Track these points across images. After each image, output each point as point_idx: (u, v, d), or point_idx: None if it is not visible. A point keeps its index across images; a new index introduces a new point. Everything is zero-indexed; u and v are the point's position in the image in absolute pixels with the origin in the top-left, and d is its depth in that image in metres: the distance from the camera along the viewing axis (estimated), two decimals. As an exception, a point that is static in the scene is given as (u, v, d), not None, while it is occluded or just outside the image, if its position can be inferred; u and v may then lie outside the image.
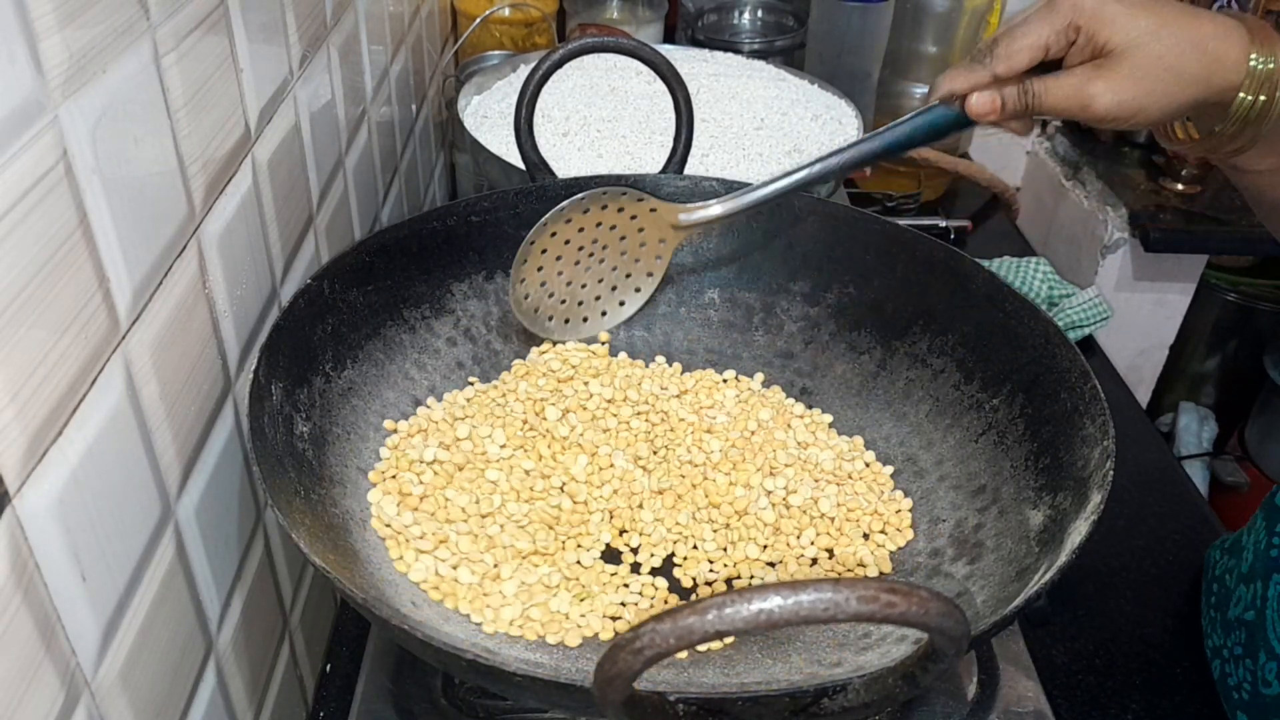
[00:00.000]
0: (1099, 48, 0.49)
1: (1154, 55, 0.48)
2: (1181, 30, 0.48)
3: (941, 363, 0.61)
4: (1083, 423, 0.50)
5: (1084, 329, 1.03)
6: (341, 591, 0.40)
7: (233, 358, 0.50)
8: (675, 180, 0.68)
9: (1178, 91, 0.49)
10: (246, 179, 0.50)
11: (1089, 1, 0.48)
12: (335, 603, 0.68)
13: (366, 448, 0.57)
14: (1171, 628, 0.69)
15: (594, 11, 1.24)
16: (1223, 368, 1.48)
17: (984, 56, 0.52)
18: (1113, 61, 0.49)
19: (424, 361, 0.63)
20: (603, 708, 0.31)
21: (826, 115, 0.93)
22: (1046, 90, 0.50)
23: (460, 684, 0.52)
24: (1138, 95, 0.48)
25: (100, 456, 0.36)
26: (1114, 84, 0.49)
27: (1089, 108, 0.49)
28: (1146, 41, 0.48)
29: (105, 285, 0.36)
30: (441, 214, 0.63)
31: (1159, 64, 0.48)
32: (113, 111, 0.36)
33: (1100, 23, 0.48)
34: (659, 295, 0.69)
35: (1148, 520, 0.79)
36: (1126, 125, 0.50)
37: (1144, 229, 1.12)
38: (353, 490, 0.54)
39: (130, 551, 0.38)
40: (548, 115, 0.88)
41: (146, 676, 0.40)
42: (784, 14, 1.27)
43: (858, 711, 0.36)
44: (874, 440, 0.63)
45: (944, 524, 0.56)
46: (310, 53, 0.61)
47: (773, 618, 0.27)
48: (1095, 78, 0.49)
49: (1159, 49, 0.48)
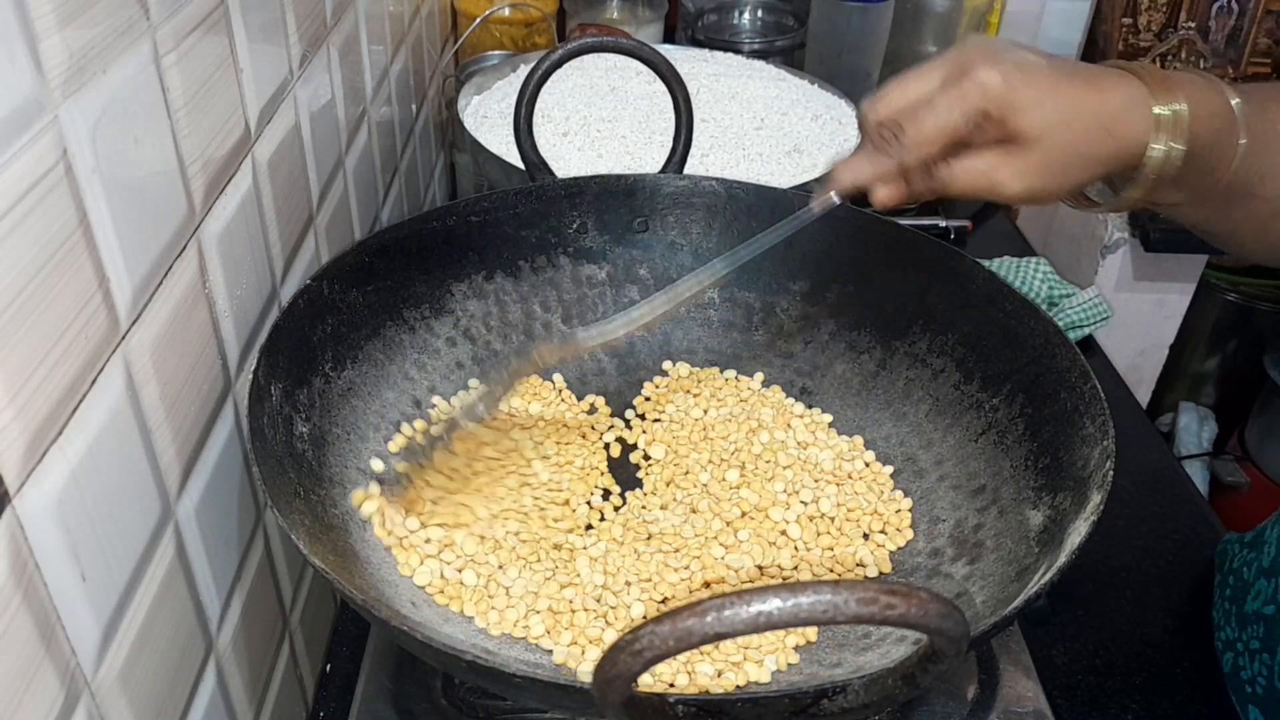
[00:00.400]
0: (1008, 133, 0.47)
1: (1064, 143, 0.46)
2: (1089, 113, 0.47)
3: (941, 363, 0.61)
4: (1083, 423, 0.50)
5: (1084, 329, 1.03)
6: (341, 592, 0.40)
7: (233, 358, 0.50)
8: (675, 180, 0.68)
9: (1084, 173, 0.48)
10: (246, 179, 0.50)
11: (996, 86, 0.46)
12: (335, 603, 0.68)
13: (366, 448, 0.57)
14: (1172, 627, 0.69)
15: (594, 11, 1.24)
16: (1223, 368, 1.48)
17: (887, 144, 0.49)
18: (1022, 149, 0.47)
19: (424, 361, 0.63)
20: (602, 708, 0.31)
21: (826, 115, 0.93)
22: (953, 175, 0.48)
23: (460, 684, 0.52)
24: (1047, 181, 0.47)
25: (100, 456, 0.36)
26: (1024, 170, 0.47)
27: (997, 191, 0.48)
28: (1057, 130, 0.46)
29: (105, 285, 0.36)
30: (441, 214, 0.63)
31: (1069, 150, 0.47)
32: (113, 111, 0.36)
33: (1010, 110, 0.46)
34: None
35: (1148, 520, 0.79)
36: (1031, 203, 0.49)
37: (1144, 229, 1.12)
38: (353, 490, 0.54)
39: (130, 551, 0.38)
40: (548, 115, 0.88)
41: (146, 676, 0.40)
42: (784, 14, 1.27)
43: (857, 712, 0.36)
44: (874, 440, 0.63)
45: (944, 524, 0.56)
46: (310, 53, 0.61)
47: (772, 620, 0.27)
48: (1004, 163, 0.47)
49: (1068, 137, 0.46)
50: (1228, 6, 1.26)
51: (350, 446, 0.56)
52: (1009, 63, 0.47)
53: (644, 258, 0.69)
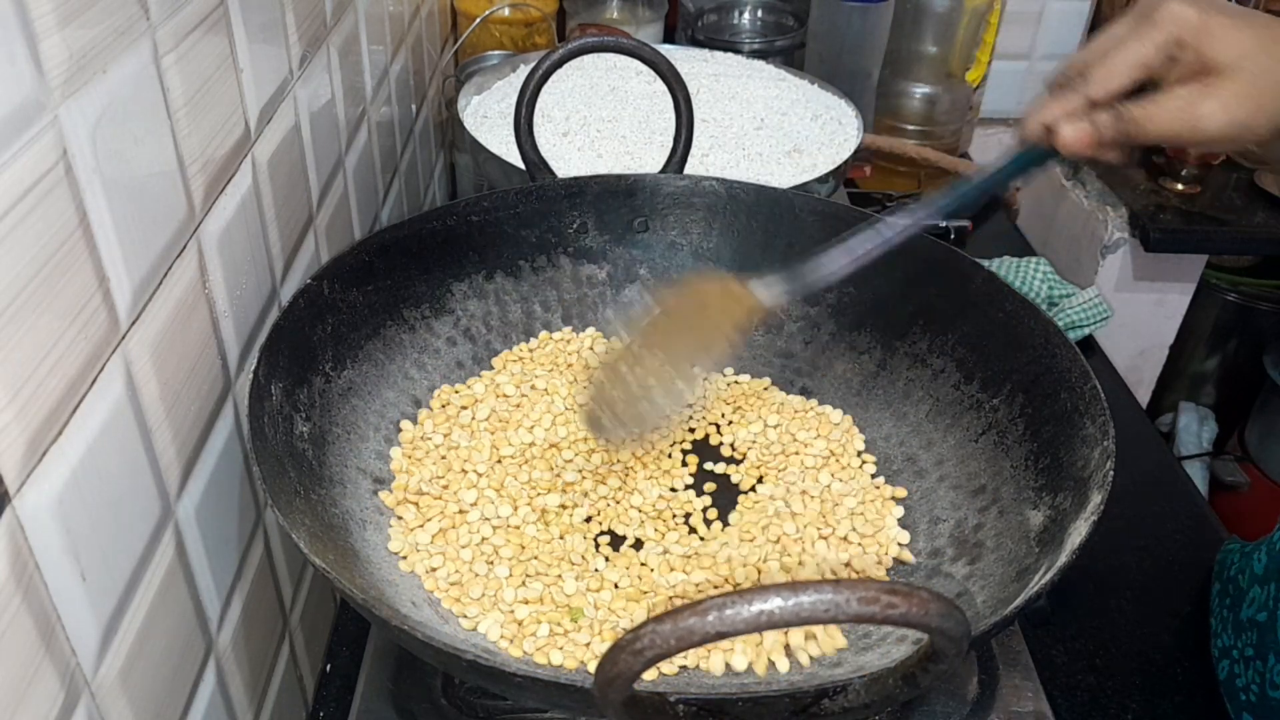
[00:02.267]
0: (1206, 64, 0.45)
1: (1265, 70, 0.45)
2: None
3: (941, 363, 0.61)
4: (1083, 423, 0.50)
5: (1084, 329, 1.03)
6: (341, 591, 0.40)
7: (233, 358, 0.50)
8: (675, 180, 0.68)
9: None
10: (246, 179, 0.50)
11: (1191, 15, 0.45)
12: (335, 603, 0.68)
13: (366, 447, 0.57)
14: (1172, 628, 0.69)
15: (594, 11, 1.24)
16: (1223, 368, 1.48)
17: (1073, 81, 0.47)
18: (1222, 78, 0.45)
19: (424, 361, 0.63)
20: (603, 708, 0.31)
21: (826, 115, 0.93)
22: (1148, 114, 0.46)
23: (460, 684, 0.52)
24: (1251, 112, 0.45)
25: (100, 456, 0.36)
26: (1224, 102, 0.45)
27: (1198, 129, 0.46)
28: (1256, 56, 0.45)
29: (105, 285, 0.36)
30: (441, 214, 0.63)
31: (1269, 80, 0.45)
32: (113, 111, 0.36)
33: (1207, 38, 0.45)
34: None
35: (1148, 520, 0.79)
36: (1231, 146, 0.48)
37: (1144, 229, 1.12)
38: (353, 490, 0.54)
39: (130, 551, 0.38)
40: (548, 115, 0.88)
41: (146, 676, 0.40)
42: (784, 14, 1.27)
43: (858, 712, 0.36)
44: (874, 440, 0.63)
45: (944, 524, 0.56)
46: (310, 53, 0.61)
47: (773, 619, 0.27)
48: (1204, 97, 0.45)
49: (1269, 63, 0.45)
50: (1228, 6, 1.25)
51: (350, 446, 0.56)
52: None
53: (644, 258, 0.69)
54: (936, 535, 0.56)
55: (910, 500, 0.59)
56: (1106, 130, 0.47)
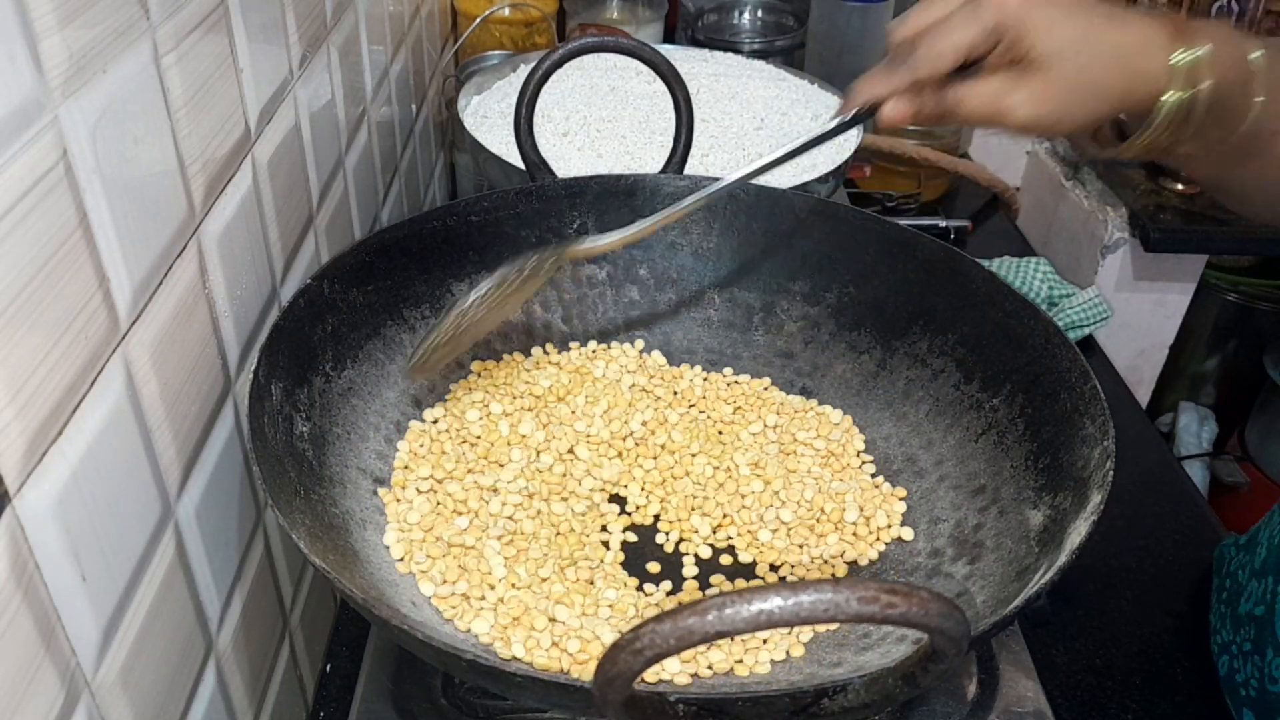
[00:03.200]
0: (1021, 54, 0.46)
1: (1076, 68, 0.46)
2: (1105, 42, 0.46)
3: (941, 363, 0.61)
4: (1083, 423, 0.50)
5: (1084, 329, 1.03)
6: (341, 591, 0.40)
7: (233, 358, 0.50)
8: (675, 180, 0.68)
9: (1096, 105, 0.47)
10: (246, 179, 0.50)
11: (1015, 5, 0.46)
12: (335, 603, 0.68)
13: (366, 448, 0.57)
14: (1171, 627, 0.69)
15: (594, 11, 1.24)
16: (1223, 368, 1.48)
17: (902, 58, 0.49)
18: (1034, 71, 0.46)
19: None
20: (603, 708, 0.31)
21: (826, 115, 0.92)
22: (962, 98, 0.48)
23: (460, 684, 0.52)
24: (1056, 108, 0.46)
25: (100, 456, 0.36)
26: (1034, 95, 0.46)
27: (1006, 117, 0.47)
28: (1070, 54, 0.46)
29: (105, 285, 0.36)
30: (441, 214, 0.63)
31: (1080, 77, 0.46)
32: (113, 111, 0.36)
33: (1026, 29, 0.46)
34: (659, 295, 0.69)
35: (1148, 520, 0.79)
36: (1040, 135, 0.49)
37: (1144, 229, 1.12)
38: (353, 490, 0.54)
39: (130, 551, 0.38)
40: (548, 115, 0.88)
41: (146, 676, 0.40)
42: (784, 14, 1.27)
43: (858, 712, 0.36)
44: (874, 440, 0.63)
45: (944, 524, 0.56)
46: (310, 53, 0.61)
47: (773, 618, 0.27)
48: (1015, 87, 0.47)
49: (1082, 62, 0.46)
50: (1228, 6, 1.25)
51: (350, 446, 0.56)
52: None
53: (644, 258, 0.69)
54: (936, 535, 0.56)
55: (910, 500, 0.59)
56: (927, 108, 0.49)
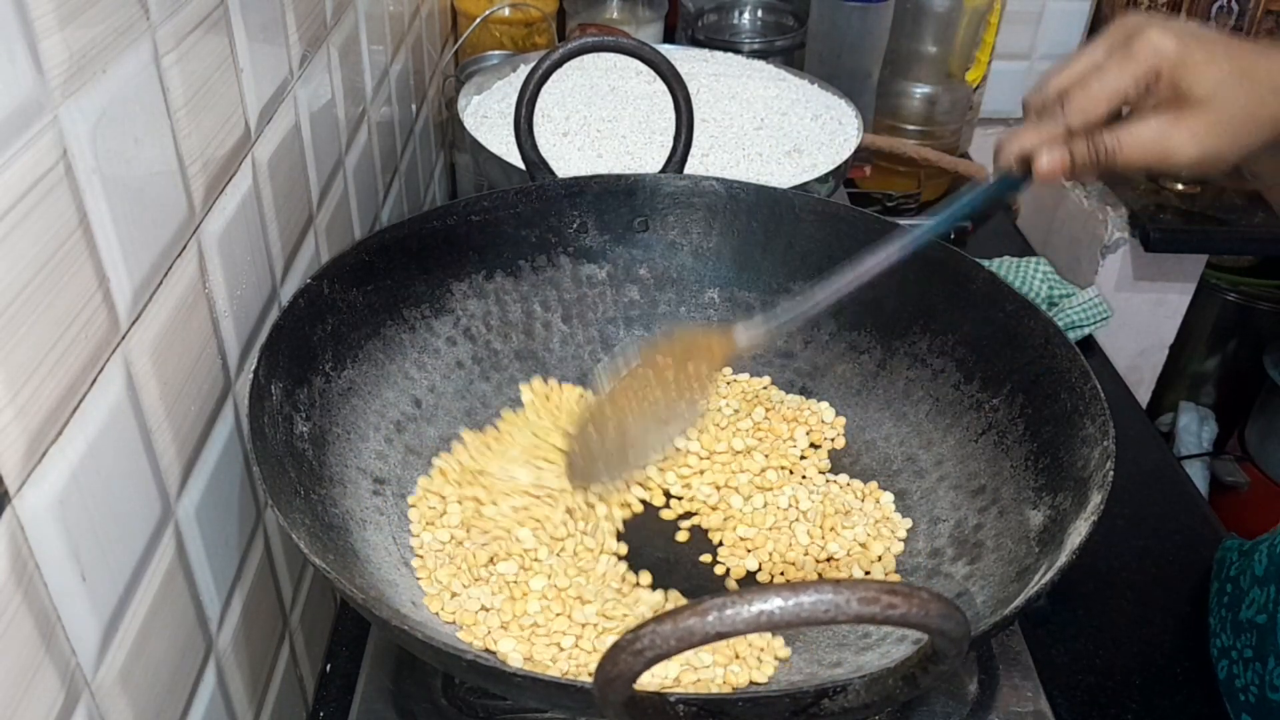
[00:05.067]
0: (1180, 95, 0.46)
1: (1238, 104, 0.45)
2: (1260, 73, 0.46)
3: (941, 363, 0.61)
4: (1083, 423, 0.50)
5: (1084, 329, 1.03)
6: (341, 592, 0.40)
7: (233, 358, 0.50)
8: (675, 180, 0.68)
9: (1259, 136, 0.46)
10: (246, 179, 0.50)
11: (1170, 46, 0.45)
12: (335, 603, 0.68)
13: (367, 447, 0.57)
14: (1172, 628, 0.69)
15: (594, 11, 1.24)
16: (1223, 368, 1.48)
17: (1051, 110, 0.48)
18: (1195, 110, 0.45)
19: (424, 361, 0.62)
20: (603, 708, 0.31)
21: (826, 115, 0.93)
22: (1121, 144, 0.47)
23: (460, 684, 0.52)
24: (1222, 144, 0.46)
25: (100, 456, 0.36)
26: (1198, 134, 0.46)
27: (1170, 159, 0.46)
28: (1230, 89, 0.45)
29: (105, 285, 0.36)
30: (441, 214, 0.63)
31: (1244, 112, 0.46)
32: (113, 111, 0.36)
33: (1184, 69, 0.45)
34: (659, 295, 0.69)
35: (1148, 520, 0.78)
36: (1200, 173, 0.48)
37: (1144, 229, 1.12)
38: (353, 490, 0.54)
39: (130, 551, 0.38)
40: (548, 115, 0.88)
41: (146, 676, 0.40)
42: (784, 14, 1.27)
43: (858, 712, 0.36)
44: (874, 440, 0.63)
45: (944, 524, 0.56)
46: (310, 53, 0.60)
47: (773, 619, 0.27)
48: (1176, 128, 0.46)
49: (1242, 97, 0.45)
50: (1228, 6, 1.25)
51: (350, 446, 0.56)
52: (1179, 28, 0.46)
53: (644, 257, 0.69)
54: (936, 535, 0.56)
55: (910, 500, 0.59)
56: (1081, 159, 0.48)
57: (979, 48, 1.29)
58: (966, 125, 1.32)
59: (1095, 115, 0.47)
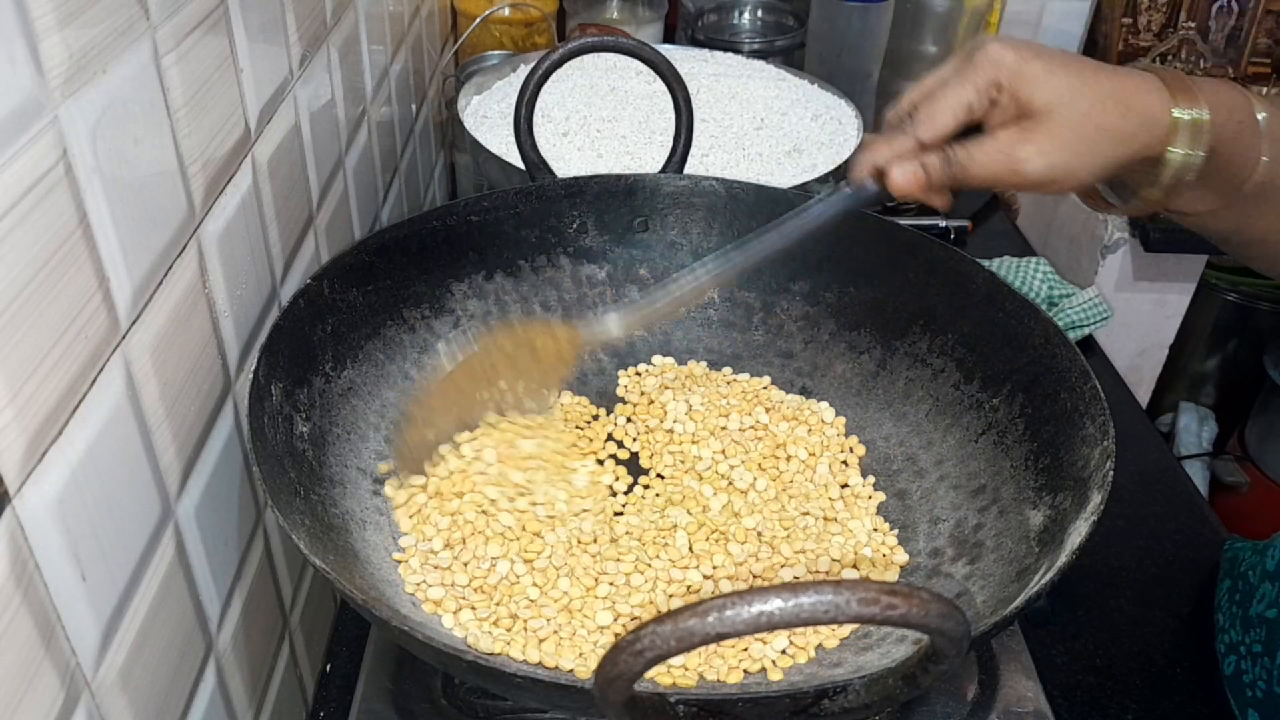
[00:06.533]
0: (1022, 107, 0.46)
1: (1081, 113, 0.45)
2: (1104, 87, 0.46)
3: (941, 362, 0.61)
4: (1083, 423, 0.50)
5: (1084, 329, 1.03)
6: (341, 592, 0.40)
7: (233, 358, 0.50)
8: (675, 180, 0.68)
9: (1108, 150, 0.46)
10: (246, 179, 0.50)
11: (1009, 58, 0.46)
12: (335, 603, 0.68)
13: (366, 447, 0.57)
14: (1172, 627, 0.69)
15: (594, 11, 1.24)
16: (1223, 368, 1.48)
17: (902, 124, 0.48)
18: (1039, 122, 0.46)
19: (424, 361, 0.62)
20: (603, 709, 0.31)
21: (826, 115, 0.93)
22: (971, 156, 0.47)
23: (460, 684, 0.52)
24: (1068, 156, 0.46)
25: (100, 456, 0.36)
26: (1043, 145, 0.46)
27: (1019, 172, 0.46)
28: (1072, 99, 0.45)
29: (105, 285, 0.36)
30: (441, 214, 0.63)
31: (1087, 122, 0.45)
32: (113, 111, 0.36)
33: (1023, 81, 0.45)
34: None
35: (1148, 520, 0.78)
36: (1055, 190, 0.47)
37: (1144, 229, 1.12)
38: (353, 490, 0.54)
39: (130, 551, 0.38)
40: (548, 115, 0.88)
41: (146, 676, 0.40)
42: (784, 14, 1.27)
43: (858, 712, 0.36)
44: (874, 440, 0.63)
45: (944, 524, 0.56)
46: (310, 53, 0.60)
47: (773, 620, 0.27)
48: (1023, 140, 0.46)
49: (1085, 106, 0.45)
50: (1228, 6, 1.26)
51: (350, 446, 0.56)
52: (1021, 44, 0.46)
53: (644, 257, 0.69)
54: (936, 535, 0.56)
55: (910, 500, 0.59)
56: (935, 172, 0.48)
57: (979, 48, 1.29)
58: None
59: (942, 127, 0.47)
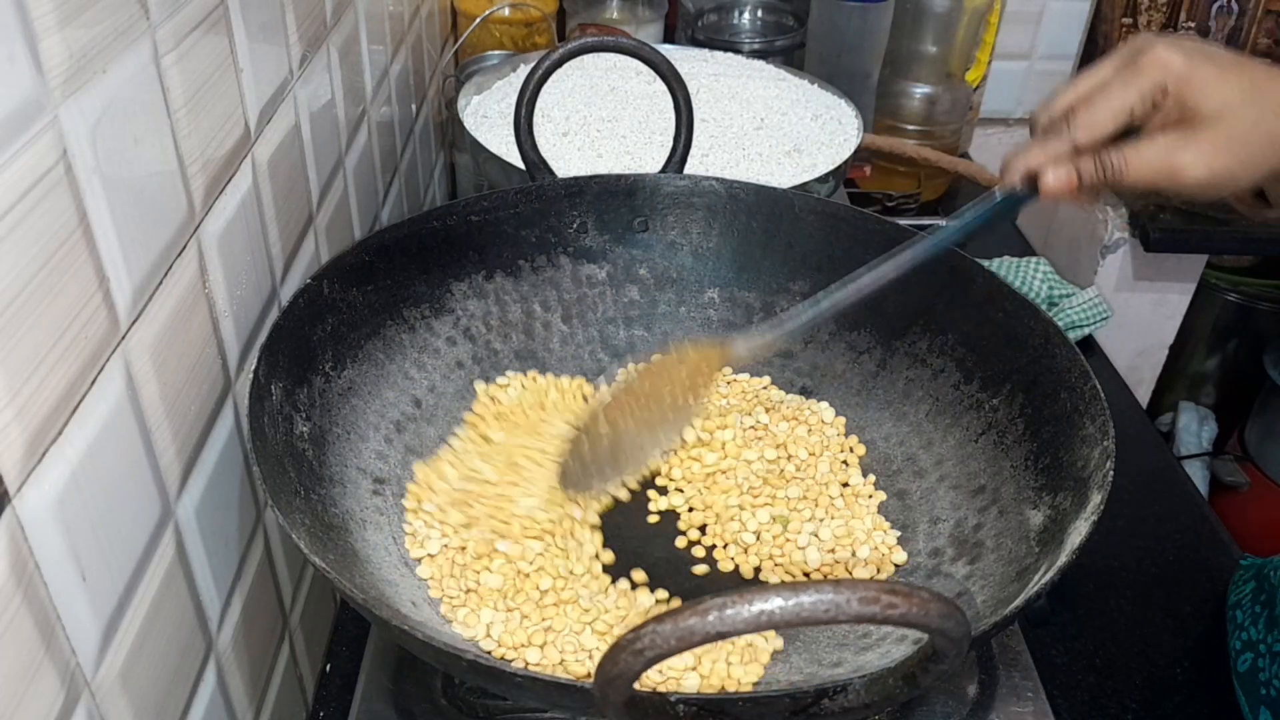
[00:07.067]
0: (1187, 112, 0.44)
1: (1250, 121, 0.44)
2: (1272, 93, 0.44)
3: (941, 363, 0.61)
4: (1083, 423, 0.50)
5: (1084, 329, 1.03)
6: (341, 592, 0.40)
7: (233, 358, 0.50)
8: (675, 180, 0.68)
9: (1271, 157, 0.45)
10: (246, 179, 0.50)
11: (1177, 62, 0.44)
12: (335, 603, 0.68)
13: (366, 447, 0.57)
14: (1171, 627, 0.69)
15: (594, 11, 1.24)
16: (1223, 368, 1.48)
17: (1058, 127, 0.47)
18: (1204, 128, 0.44)
19: (424, 361, 0.63)
20: (603, 708, 0.31)
21: (826, 115, 0.93)
22: (1128, 162, 0.45)
23: (460, 684, 0.52)
24: (1232, 164, 0.44)
25: (100, 456, 0.36)
26: (1206, 152, 0.44)
27: (1178, 178, 0.45)
28: (1243, 106, 0.44)
29: (105, 285, 0.36)
30: (441, 214, 0.63)
31: (1257, 130, 0.44)
32: (113, 111, 0.36)
33: (1191, 86, 0.44)
34: (659, 295, 0.69)
35: (1148, 520, 0.79)
36: (1212, 195, 0.46)
37: (1144, 229, 1.12)
38: (353, 490, 0.54)
39: (130, 551, 0.38)
40: (548, 115, 0.88)
41: (146, 676, 0.40)
42: (784, 14, 1.27)
43: (858, 712, 0.36)
44: (874, 440, 0.63)
45: (944, 524, 0.56)
46: (310, 53, 0.60)
47: (774, 619, 0.27)
48: (1185, 146, 0.44)
49: (1255, 114, 0.44)
50: (1228, 6, 1.25)
51: (350, 446, 0.56)
52: (1189, 45, 0.45)
53: (644, 257, 0.69)
54: (936, 535, 0.56)
55: (910, 500, 0.59)
56: (1089, 177, 0.47)
57: (979, 48, 1.29)
58: (966, 125, 1.32)
59: (1101, 132, 0.46)
